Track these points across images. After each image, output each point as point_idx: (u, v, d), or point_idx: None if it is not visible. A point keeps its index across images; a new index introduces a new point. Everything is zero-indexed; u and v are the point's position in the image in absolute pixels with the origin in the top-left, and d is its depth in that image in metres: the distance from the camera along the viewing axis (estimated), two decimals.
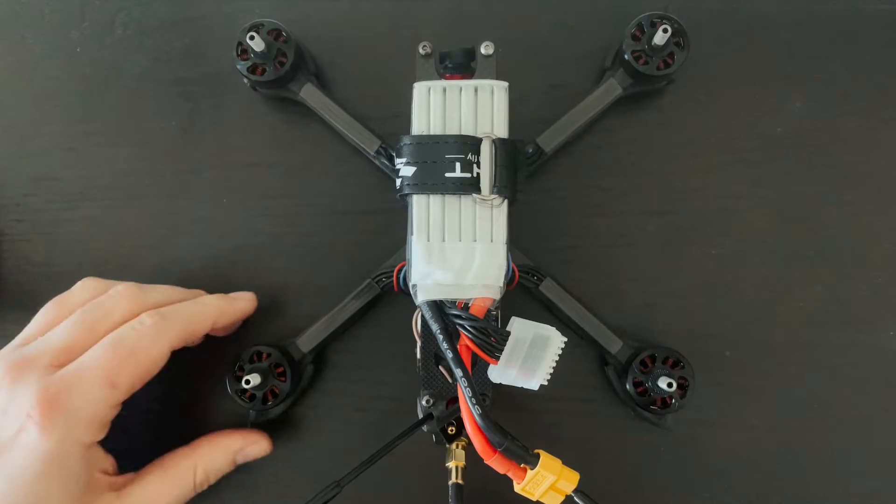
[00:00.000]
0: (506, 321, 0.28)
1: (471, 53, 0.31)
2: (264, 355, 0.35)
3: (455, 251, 0.29)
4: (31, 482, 0.29)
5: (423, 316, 0.29)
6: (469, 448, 0.31)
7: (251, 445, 0.35)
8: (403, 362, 0.37)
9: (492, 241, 0.29)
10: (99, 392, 0.30)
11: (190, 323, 0.33)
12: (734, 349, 0.37)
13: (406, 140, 0.29)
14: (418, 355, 0.33)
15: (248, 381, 0.33)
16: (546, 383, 0.27)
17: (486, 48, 0.30)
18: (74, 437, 0.29)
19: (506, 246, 0.29)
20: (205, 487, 0.34)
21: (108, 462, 0.32)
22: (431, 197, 0.29)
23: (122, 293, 0.33)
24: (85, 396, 0.30)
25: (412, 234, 0.29)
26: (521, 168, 0.29)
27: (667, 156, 0.39)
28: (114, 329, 0.31)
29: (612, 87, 0.37)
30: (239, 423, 0.37)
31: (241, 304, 0.36)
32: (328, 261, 0.39)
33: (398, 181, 0.29)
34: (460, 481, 0.32)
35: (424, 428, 0.32)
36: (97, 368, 0.30)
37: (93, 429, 0.30)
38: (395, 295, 0.37)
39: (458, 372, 0.27)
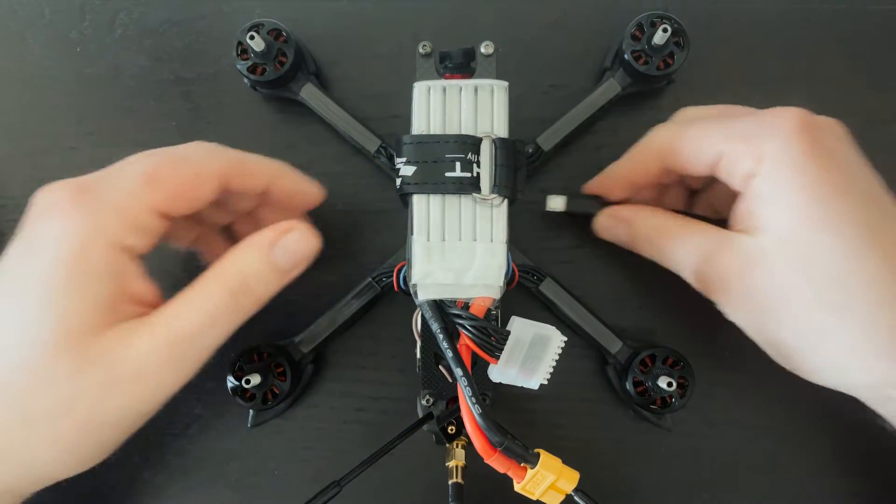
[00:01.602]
0: (506, 321, 0.28)
1: (471, 53, 0.31)
2: (264, 355, 0.35)
3: (455, 251, 0.29)
4: (46, 270, 0.26)
5: (423, 316, 0.29)
6: (469, 447, 0.31)
7: (286, 234, 0.30)
8: (403, 362, 0.37)
9: (492, 240, 0.29)
10: (134, 183, 0.27)
11: (243, 161, 0.31)
12: (734, 349, 0.37)
13: (406, 140, 0.29)
14: (418, 355, 0.33)
15: (248, 381, 0.33)
16: (546, 383, 0.27)
17: (486, 48, 0.30)
18: (100, 224, 0.26)
19: (506, 245, 0.29)
20: (249, 299, 0.29)
21: (146, 289, 0.28)
22: (431, 196, 0.29)
23: (200, 142, 0.31)
24: (117, 185, 0.27)
25: (412, 233, 0.29)
26: (521, 168, 0.29)
27: None
28: None
29: (611, 87, 0.37)
30: (238, 424, 0.37)
31: (306, 184, 0.33)
32: (328, 260, 0.39)
33: (398, 181, 0.29)
34: (460, 481, 0.32)
35: (424, 428, 0.32)
36: (137, 164, 0.28)
37: (122, 222, 0.27)
38: (395, 295, 0.37)
39: (458, 371, 0.27)
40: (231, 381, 0.35)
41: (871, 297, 0.27)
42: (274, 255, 0.29)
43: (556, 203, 0.36)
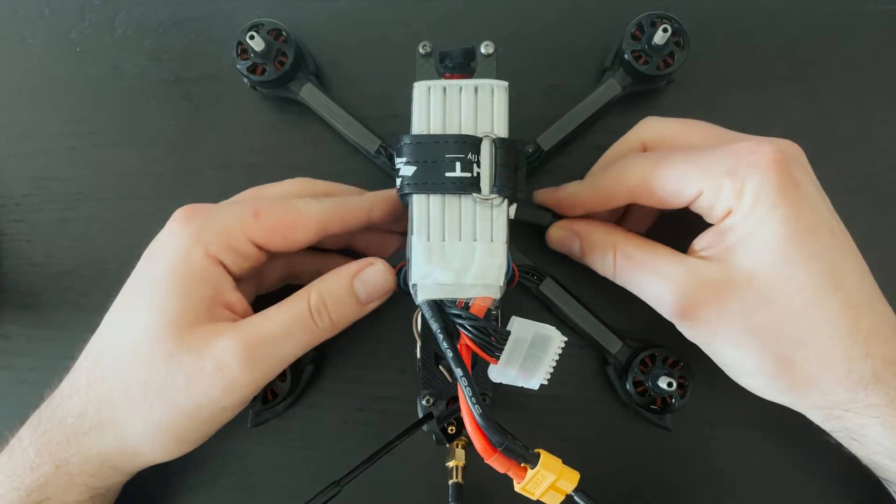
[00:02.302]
0: (506, 321, 0.28)
1: (471, 53, 0.31)
2: None
3: (455, 251, 0.29)
4: (157, 271, 0.31)
5: (423, 315, 0.29)
6: (469, 447, 0.31)
7: (367, 268, 0.33)
8: (403, 362, 0.37)
9: (492, 240, 0.29)
10: (241, 214, 0.31)
11: (341, 207, 0.33)
12: None
13: (406, 139, 0.29)
14: (418, 355, 0.33)
15: None
16: (546, 383, 0.27)
17: (486, 48, 0.30)
18: (203, 238, 0.31)
19: (506, 245, 0.29)
20: (325, 320, 0.32)
21: (238, 301, 0.32)
22: (431, 196, 0.29)
23: (294, 179, 0.36)
24: (226, 212, 0.32)
25: (412, 233, 0.29)
26: (521, 168, 0.29)
27: None
28: None
29: (611, 87, 0.37)
30: (238, 424, 0.37)
31: (396, 202, 0.35)
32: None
33: (398, 181, 0.29)
34: (460, 481, 0.32)
35: (424, 428, 0.32)
36: (247, 199, 0.33)
37: (221, 241, 0.31)
38: (395, 295, 0.37)
39: (459, 371, 0.27)
40: None
41: (831, 330, 0.29)
42: (354, 284, 0.32)
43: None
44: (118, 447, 0.31)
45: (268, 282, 0.36)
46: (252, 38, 0.35)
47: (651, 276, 0.32)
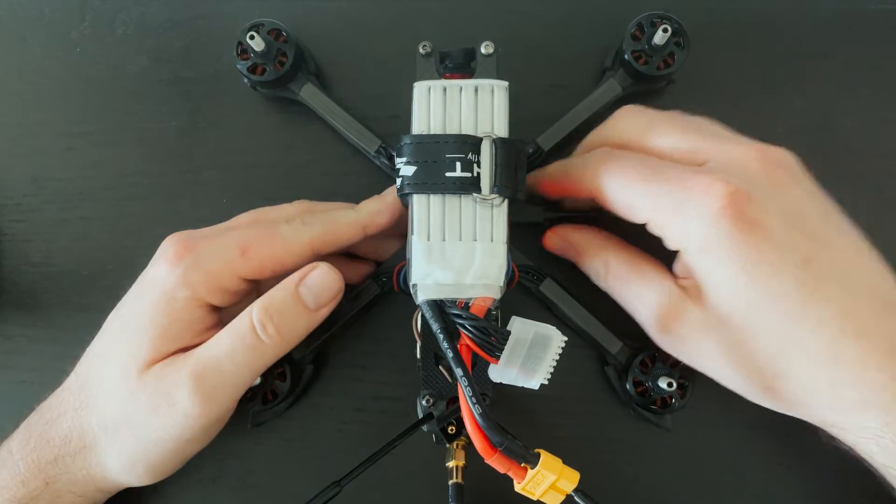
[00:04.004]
0: (506, 321, 0.28)
1: (471, 53, 0.31)
2: None
3: (455, 251, 0.28)
4: (142, 309, 0.31)
5: (423, 316, 0.29)
6: (469, 447, 0.31)
7: (311, 272, 0.32)
8: (403, 362, 0.37)
9: (492, 240, 0.29)
10: (228, 252, 0.31)
11: (331, 228, 0.33)
12: None
13: (406, 140, 0.29)
14: (418, 355, 0.33)
15: None
16: (546, 383, 0.27)
17: (486, 48, 0.30)
18: (189, 281, 0.30)
19: (506, 245, 0.29)
20: (273, 335, 0.30)
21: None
22: (432, 196, 0.29)
23: (295, 202, 0.36)
24: (214, 251, 0.31)
25: (412, 233, 0.29)
26: (522, 168, 0.29)
27: None
28: None
29: (611, 87, 0.37)
30: (238, 424, 0.37)
31: (393, 208, 0.34)
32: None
33: (398, 181, 0.29)
34: (460, 481, 0.32)
35: (424, 428, 0.32)
36: (234, 233, 0.32)
37: (210, 284, 0.31)
38: (395, 295, 0.37)
39: (459, 371, 0.27)
40: None
41: (811, 367, 0.28)
42: (300, 291, 0.31)
43: None
44: (100, 472, 0.32)
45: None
46: (252, 38, 0.35)
47: (635, 300, 0.33)
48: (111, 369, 0.31)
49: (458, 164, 0.28)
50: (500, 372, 0.28)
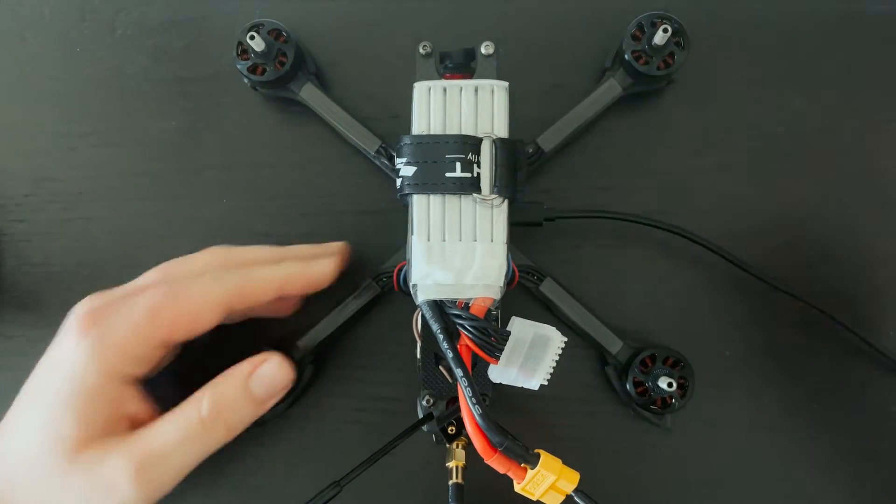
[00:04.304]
0: (506, 321, 0.28)
1: (471, 53, 0.31)
2: None
3: (455, 251, 0.29)
4: (53, 386, 0.29)
5: (423, 316, 0.29)
6: (469, 448, 0.31)
7: (262, 365, 0.32)
8: (403, 362, 0.37)
9: (492, 240, 0.29)
10: (138, 319, 0.29)
11: (247, 284, 0.31)
12: (734, 349, 0.37)
13: (406, 140, 0.29)
14: (418, 355, 0.33)
15: None
16: (546, 383, 0.27)
17: (486, 48, 0.30)
18: (100, 357, 0.29)
19: (506, 246, 0.29)
20: (222, 428, 0.31)
21: (141, 410, 0.31)
22: (431, 197, 0.29)
23: (209, 250, 0.33)
24: (123, 319, 0.30)
25: (412, 233, 0.29)
26: (522, 168, 0.29)
27: (667, 156, 0.39)
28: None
29: (612, 87, 0.37)
30: None
31: (316, 270, 0.33)
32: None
33: (398, 181, 0.29)
34: (460, 481, 0.32)
35: (424, 428, 0.32)
36: (143, 298, 0.30)
37: (121, 356, 0.29)
38: (395, 295, 0.37)
39: (459, 372, 0.27)
40: None
41: None
42: (250, 384, 0.31)
43: None
44: None
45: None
46: (252, 38, 0.35)
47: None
48: (30, 450, 0.29)
49: (458, 165, 0.28)
50: (500, 372, 0.28)
